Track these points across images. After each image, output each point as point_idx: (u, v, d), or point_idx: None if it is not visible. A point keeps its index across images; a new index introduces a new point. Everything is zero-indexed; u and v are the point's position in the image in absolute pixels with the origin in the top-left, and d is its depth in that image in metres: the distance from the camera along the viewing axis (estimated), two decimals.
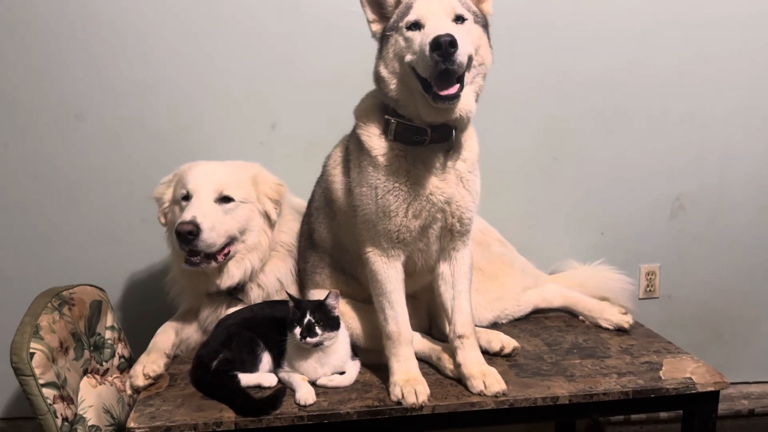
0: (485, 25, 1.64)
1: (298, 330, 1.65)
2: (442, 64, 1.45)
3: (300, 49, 2.36)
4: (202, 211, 1.83)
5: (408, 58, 1.55)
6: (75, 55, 2.28)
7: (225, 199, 1.89)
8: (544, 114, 2.51)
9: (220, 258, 1.89)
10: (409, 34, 1.54)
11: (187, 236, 1.78)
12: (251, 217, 1.94)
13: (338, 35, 2.34)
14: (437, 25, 1.50)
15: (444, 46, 1.42)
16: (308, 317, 1.65)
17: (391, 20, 1.62)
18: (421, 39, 1.50)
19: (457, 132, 1.66)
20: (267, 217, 1.98)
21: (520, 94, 2.45)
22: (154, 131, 2.35)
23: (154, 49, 2.31)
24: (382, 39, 1.65)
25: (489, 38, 1.65)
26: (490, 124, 1.77)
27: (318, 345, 1.67)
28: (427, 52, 1.45)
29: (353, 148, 1.76)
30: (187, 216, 1.81)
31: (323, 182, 1.92)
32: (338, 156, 1.86)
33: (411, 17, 1.55)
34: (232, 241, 1.92)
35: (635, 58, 2.50)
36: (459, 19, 1.55)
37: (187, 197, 1.89)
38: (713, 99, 2.57)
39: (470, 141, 1.72)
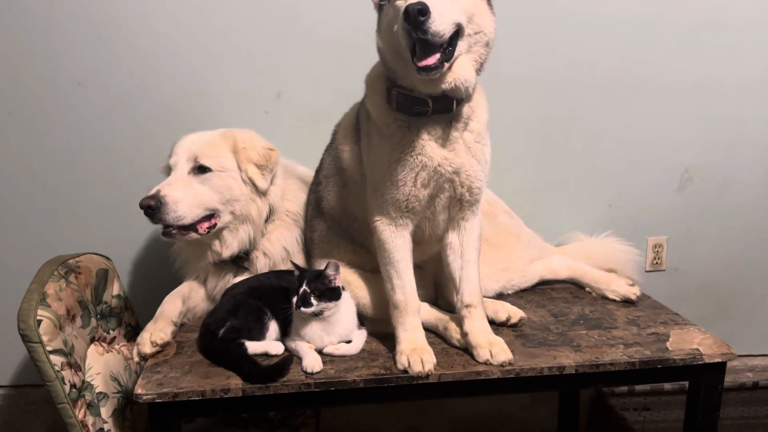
0: None
1: (294, 299, 1.65)
2: (414, 33, 1.40)
3: (306, 17, 2.32)
4: (170, 184, 1.84)
5: (396, 27, 1.49)
6: (77, 22, 2.25)
7: (201, 169, 1.87)
8: (552, 85, 2.47)
9: (201, 230, 1.88)
10: (398, 2, 1.48)
11: (147, 210, 1.79)
12: (233, 186, 1.90)
13: (345, 4, 2.30)
14: None
15: (413, 14, 1.36)
16: (304, 287, 1.64)
17: None
18: (402, 6, 1.43)
19: (458, 103, 1.62)
20: (252, 183, 1.94)
21: (528, 65, 2.41)
22: (159, 99, 2.33)
23: (158, 16, 2.27)
24: (379, 9, 1.62)
25: (490, 4, 1.59)
26: (497, 96, 1.74)
27: (317, 315, 1.67)
28: (400, 22, 1.41)
29: (363, 116, 1.73)
30: (152, 191, 1.82)
31: (333, 150, 1.89)
32: (349, 123, 1.84)
33: None
34: (215, 213, 1.90)
35: (645, 29, 2.45)
36: None
37: (170, 170, 1.89)
38: (724, 69, 2.52)
39: (479, 111, 1.69)
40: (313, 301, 1.64)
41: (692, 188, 2.63)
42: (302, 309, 1.64)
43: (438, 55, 1.45)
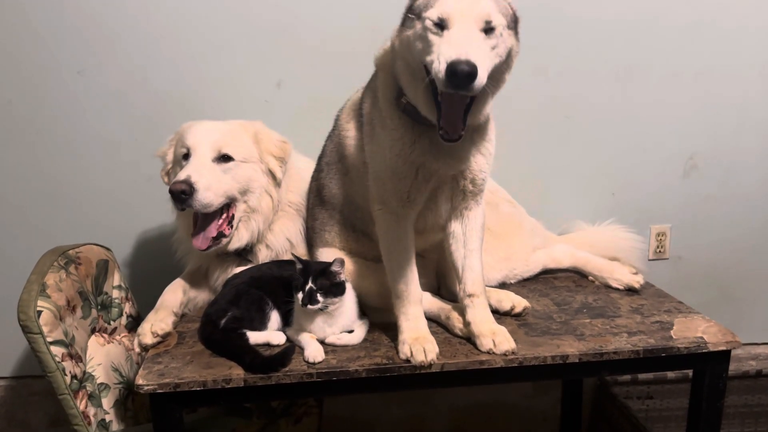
0: (515, 20, 1.49)
1: (300, 295, 1.64)
2: (453, 91, 1.33)
3: (306, 6, 2.30)
4: (198, 171, 1.81)
5: (427, 58, 1.40)
6: (77, 9, 2.23)
7: (224, 158, 1.86)
8: (555, 72, 2.45)
9: (227, 231, 1.88)
10: (431, 35, 1.39)
11: (180, 195, 1.76)
12: (253, 177, 1.91)
13: None
14: (461, 38, 1.34)
15: (461, 76, 1.28)
16: (310, 284, 1.63)
17: (417, 2, 1.46)
18: (440, 47, 1.35)
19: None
20: (272, 175, 1.94)
21: (532, 51, 2.37)
22: (159, 88, 2.31)
23: (158, 4, 2.25)
24: (405, 18, 1.50)
25: (518, 34, 1.51)
26: None
27: (321, 310, 1.66)
28: (441, 75, 1.31)
29: (368, 100, 1.71)
30: (182, 175, 1.79)
31: (335, 136, 1.87)
32: (352, 108, 1.81)
33: (435, 12, 1.38)
34: (232, 202, 1.89)
35: (650, 11, 2.42)
36: (489, 29, 1.38)
37: (186, 156, 1.86)
38: (730, 55, 2.49)
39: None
40: (320, 297, 1.63)
41: (696, 175, 2.61)
42: (309, 306, 1.63)
43: (462, 131, 1.45)
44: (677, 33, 2.46)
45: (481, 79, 1.33)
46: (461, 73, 1.29)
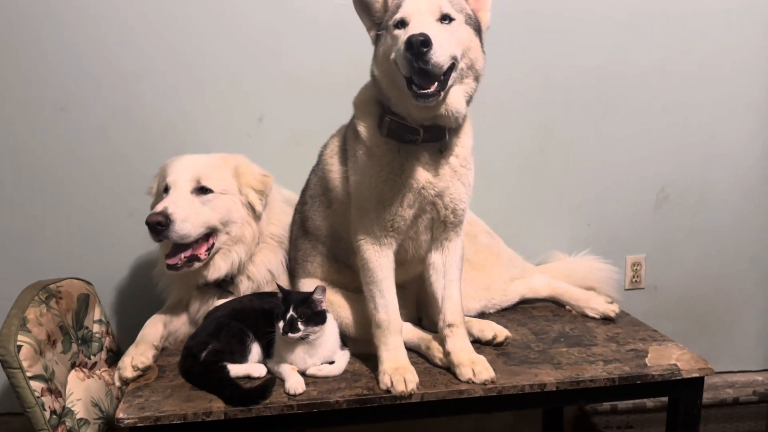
0: (478, 29, 1.63)
1: (281, 324, 1.65)
2: (415, 63, 1.45)
3: (287, 42, 2.36)
4: (176, 202, 1.83)
5: (393, 56, 1.55)
6: (60, 46, 2.26)
7: (203, 190, 1.89)
8: (530, 107, 2.52)
9: (202, 256, 1.89)
10: (396, 32, 1.55)
11: (156, 227, 1.78)
12: (232, 209, 1.93)
13: (325, 29, 2.35)
14: (419, 23, 1.50)
15: (416, 45, 1.42)
16: (291, 312, 1.65)
17: (384, 20, 1.62)
18: (403, 37, 1.49)
19: (450, 133, 1.67)
20: (251, 208, 1.97)
21: (507, 86, 2.46)
22: (141, 124, 2.34)
23: (140, 41, 2.30)
24: (376, 40, 1.66)
25: (482, 43, 1.64)
26: (478, 118, 1.78)
27: (302, 339, 1.67)
28: (402, 51, 1.46)
29: (350, 137, 1.77)
30: (159, 207, 1.82)
31: (319, 171, 1.92)
32: (336, 145, 1.87)
33: (398, 15, 1.55)
34: (213, 232, 1.91)
35: (620, 50, 2.52)
36: (445, 18, 1.54)
37: (167, 189, 1.89)
38: (696, 90, 2.60)
39: (463, 137, 1.73)
40: (300, 326, 1.64)
41: (669, 207, 2.68)
42: (290, 335, 1.65)
43: (435, 84, 1.50)
44: (646, 69, 2.55)
45: (437, 49, 1.45)
46: (416, 42, 1.42)
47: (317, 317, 1.68)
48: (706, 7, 2.52)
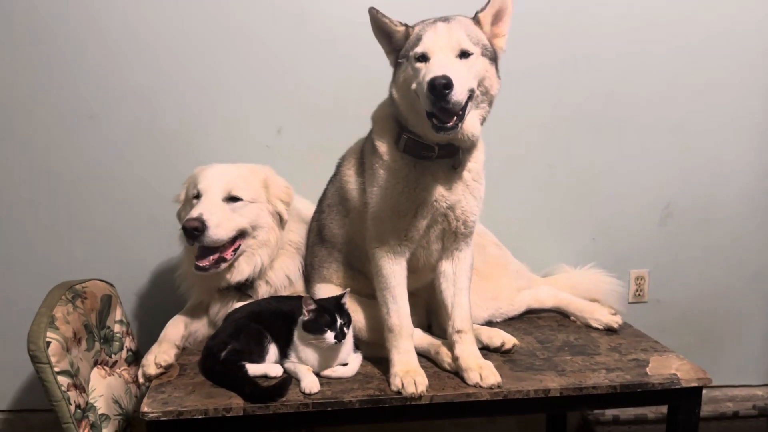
0: (494, 58, 1.69)
1: (331, 335, 1.72)
2: (437, 103, 1.53)
3: (305, 58, 2.45)
4: (209, 209, 1.91)
5: (414, 86, 1.63)
6: (91, 61, 2.37)
7: (233, 199, 1.97)
8: (539, 123, 2.59)
9: (228, 257, 1.95)
10: (417, 65, 1.62)
11: (192, 232, 1.86)
12: (260, 215, 2.01)
13: (342, 44, 2.43)
14: (440, 62, 1.57)
15: (439, 88, 1.50)
16: (339, 320, 1.73)
17: (404, 48, 1.69)
18: (424, 73, 1.57)
19: (463, 150, 1.75)
20: (278, 216, 2.05)
21: (517, 103, 2.52)
22: (164, 134, 2.43)
23: (165, 57, 2.40)
24: (396, 64, 1.73)
25: (497, 69, 1.71)
26: (488, 133, 1.85)
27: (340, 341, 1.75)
28: (425, 90, 1.54)
29: (368, 150, 1.85)
30: (194, 213, 1.89)
31: (337, 181, 2.00)
32: (353, 158, 1.94)
33: (419, 49, 1.62)
34: (242, 234, 1.98)
35: (628, 70, 2.59)
36: (464, 54, 1.61)
37: (198, 196, 1.97)
38: (701, 111, 2.66)
39: (476, 152, 1.81)
40: (346, 331, 1.74)
41: (672, 223, 2.74)
42: (342, 341, 1.74)
43: (455, 118, 1.58)
44: (653, 90, 2.62)
45: (457, 90, 1.53)
46: (438, 85, 1.50)
47: (349, 320, 1.78)
48: (711, 32, 2.59)
